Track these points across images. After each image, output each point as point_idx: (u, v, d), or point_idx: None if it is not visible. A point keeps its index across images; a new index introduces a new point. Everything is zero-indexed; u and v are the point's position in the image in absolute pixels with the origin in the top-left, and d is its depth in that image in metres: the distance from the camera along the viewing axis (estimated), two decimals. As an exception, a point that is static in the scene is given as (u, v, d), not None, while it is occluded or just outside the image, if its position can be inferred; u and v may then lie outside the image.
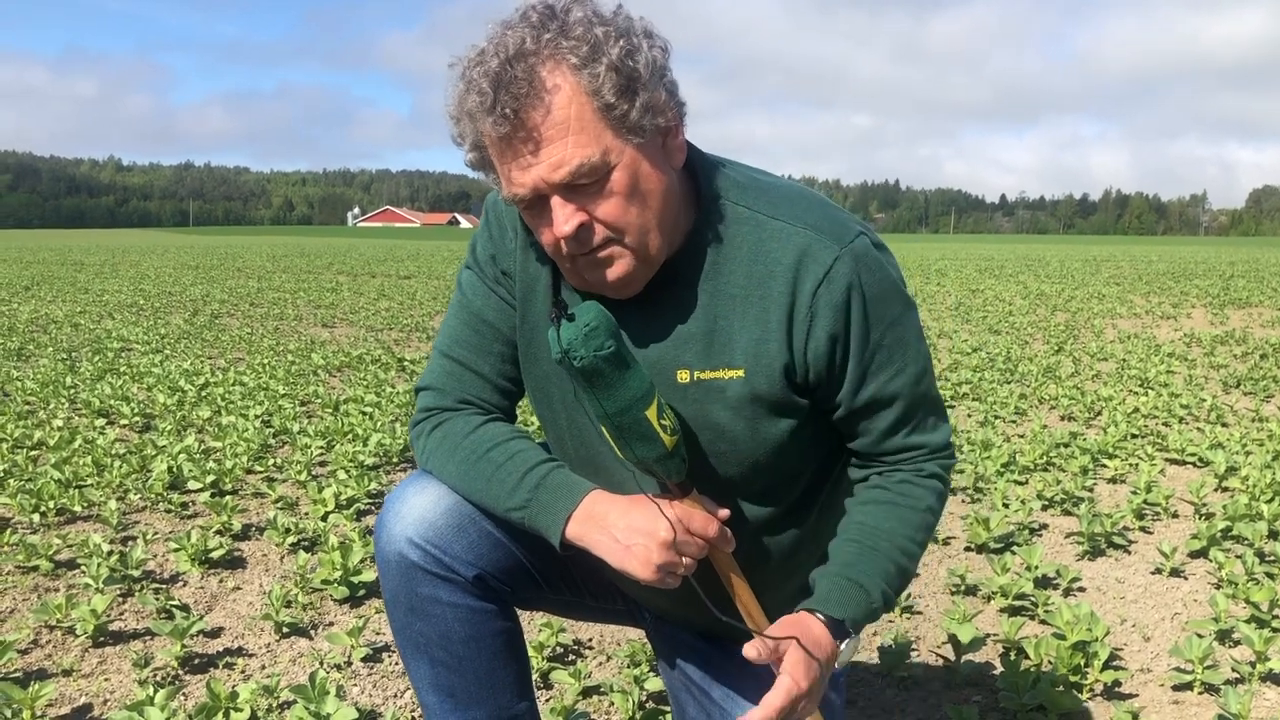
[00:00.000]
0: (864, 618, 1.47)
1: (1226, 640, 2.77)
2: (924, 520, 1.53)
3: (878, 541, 1.50)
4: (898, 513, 1.52)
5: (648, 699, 2.38)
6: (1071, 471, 4.55)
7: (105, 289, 16.85)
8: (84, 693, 2.45)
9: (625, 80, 1.30)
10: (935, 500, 1.55)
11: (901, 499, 1.52)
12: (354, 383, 7.01)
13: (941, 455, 1.55)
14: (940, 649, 2.74)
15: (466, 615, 1.59)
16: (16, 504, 3.79)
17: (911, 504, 1.52)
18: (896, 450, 1.53)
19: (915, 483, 1.54)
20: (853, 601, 1.46)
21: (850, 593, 1.46)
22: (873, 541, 1.50)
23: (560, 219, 1.33)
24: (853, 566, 1.48)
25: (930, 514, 1.54)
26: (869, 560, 1.49)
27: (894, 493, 1.53)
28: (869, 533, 1.51)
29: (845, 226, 1.45)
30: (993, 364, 8.06)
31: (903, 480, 1.54)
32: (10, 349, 8.71)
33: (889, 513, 1.52)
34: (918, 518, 1.53)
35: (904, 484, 1.54)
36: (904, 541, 1.51)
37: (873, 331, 1.44)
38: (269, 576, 3.25)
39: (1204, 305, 14.70)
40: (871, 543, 1.50)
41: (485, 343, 1.60)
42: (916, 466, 1.54)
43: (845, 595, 1.46)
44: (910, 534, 1.52)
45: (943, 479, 1.56)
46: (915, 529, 1.52)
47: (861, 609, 1.46)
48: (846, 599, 1.46)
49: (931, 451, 1.54)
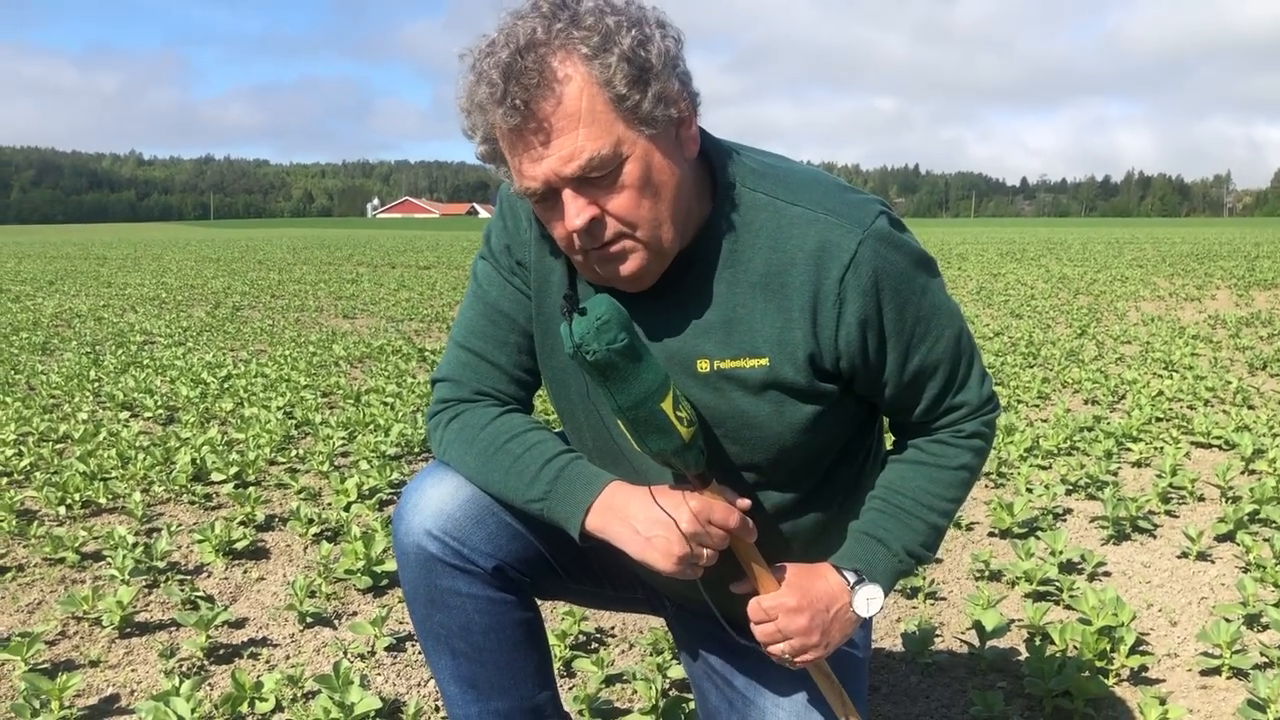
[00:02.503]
0: (885, 571, 1.52)
1: (1254, 625, 2.74)
2: (956, 477, 1.56)
3: (901, 500, 1.55)
4: (926, 471, 1.55)
5: (670, 687, 2.38)
6: (1096, 455, 4.52)
7: (128, 283, 16.98)
8: (111, 683, 2.47)
9: (637, 70, 1.28)
10: (972, 457, 1.56)
11: (931, 458, 1.55)
12: (375, 373, 7.03)
13: (983, 412, 1.56)
14: (964, 635, 2.72)
15: (486, 606, 1.59)
16: (43, 497, 3.83)
17: (943, 462, 1.55)
18: (944, 413, 1.54)
19: (950, 442, 1.55)
20: (871, 555, 1.52)
21: (868, 547, 1.53)
22: (896, 500, 1.55)
23: (572, 213, 1.32)
24: (873, 524, 1.54)
25: (965, 470, 1.56)
26: (891, 518, 1.54)
27: (926, 453, 1.56)
28: (893, 492, 1.56)
29: (864, 209, 1.43)
30: (1015, 348, 8.01)
31: (937, 441, 1.56)
32: (35, 343, 8.79)
33: (916, 471, 1.56)
34: (948, 475, 1.55)
35: (937, 444, 1.56)
36: (931, 498, 1.54)
37: (906, 308, 1.44)
38: (292, 567, 3.27)
39: (1229, 286, 14.55)
40: (895, 501, 1.55)
41: (501, 334, 1.59)
42: (956, 428, 1.55)
43: (863, 549, 1.53)
44: (939, 490, 1.55)
45: (985, 435, 1.57)
46: (945, 485, 1.55)
47: (880, 562, 1.52)
48: (864, 552, 1.52)
49: (974, 410, 1.55)
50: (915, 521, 1.54)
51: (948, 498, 1.56)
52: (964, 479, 1.57)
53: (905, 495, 1.55)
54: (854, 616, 1.51)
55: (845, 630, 1.51)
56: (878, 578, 1.52)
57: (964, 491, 1.58)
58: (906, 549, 1.53)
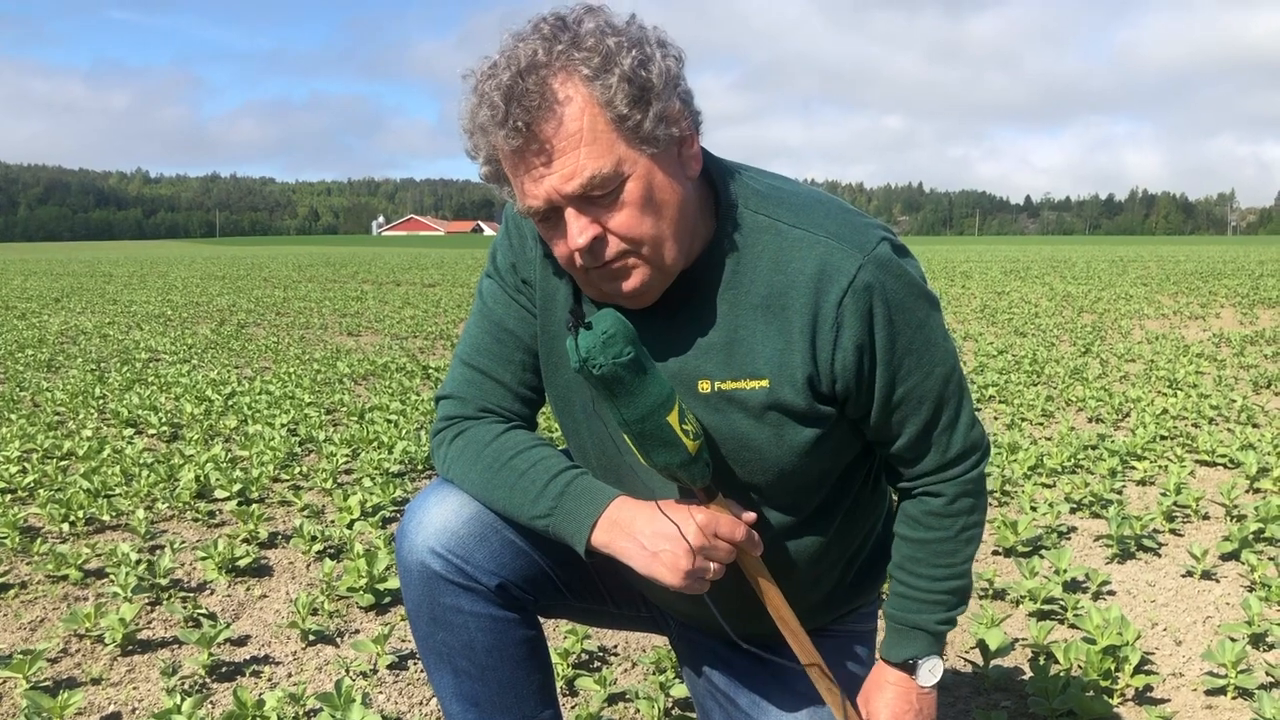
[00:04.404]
0: (932, 647, 1.61)
1: (1260, 644, 2.73)
2: (960, 539, 1.59)
3: (918, 583, 1.60)
4: (930, 548, 1.59)
5: (673, 706, 2.37)
6: (1100, 474, 4.51)
7: (133, 300, 17.02)
8: (113, 701, 2.47)
9: (638, 90, 1.29)
10: (967, 517, 1.58)
11: (930, 534, 1.58)
12: (379, 390, 7.04)
13: (966, 465, 1.56)
14: (968, 654, 2.71)
15: (489, 624, 1.59)
16: (46, 513, 3.83)
17: (941, 535, 1.58)
18: (925, 454, 1.53)
19: (942, 513, 1.57)
20: (914, 642, 1.60)
21: (908, 637, 1.61)
22: (914, 583, 1.60)
23: (574, 231, 1.32)
24: (903, 612, 1.61)
25: (966, 530, 1.59)
26: (915, 601, 1.60)
27: (923, 527, 1.58)
28: (908, 574, 1.60)
29: (866, 233, 1.43)
30: (1019, 366, 8.00)
31: (930, 513, 1.57)
32: (40, 360, 8.81)
33: (923, 550, 1.59)
34: (951, 544, 1.58)
35: (931, 516, 1.57)
36: (943, 570, 1.59)
37: (900, 337, 1.43)
38: (295, 584, 3.27)
39: (1233, 305, 14.53)
40: (914, 584, 1.60)
41: (506, 351, 1.60)
42: (939, 490, 1.56)
43: (905, 640, 1.61)
44: (947, 561, 1.59)
45: (971, 493, 1.57)
46: (952, 553, 1.59)
47: (924, 644, 1.60)
48: (907, 642, 1.61)
49: (954, 460, 1.54)
50: (938, 596, 1.59)
51: (959, 561, 1.59)
52: (969, 536, 1.59)
53: (920, 576, 1.59)
54: (929, 691, 1.62)
55: (932, 701, 1.63)
56: (932, 652, 1.60)
57: (975, 545, 1.61)
58: (940, 620, 1.60)
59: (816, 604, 1.68)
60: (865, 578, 1.75)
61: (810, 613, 1.65)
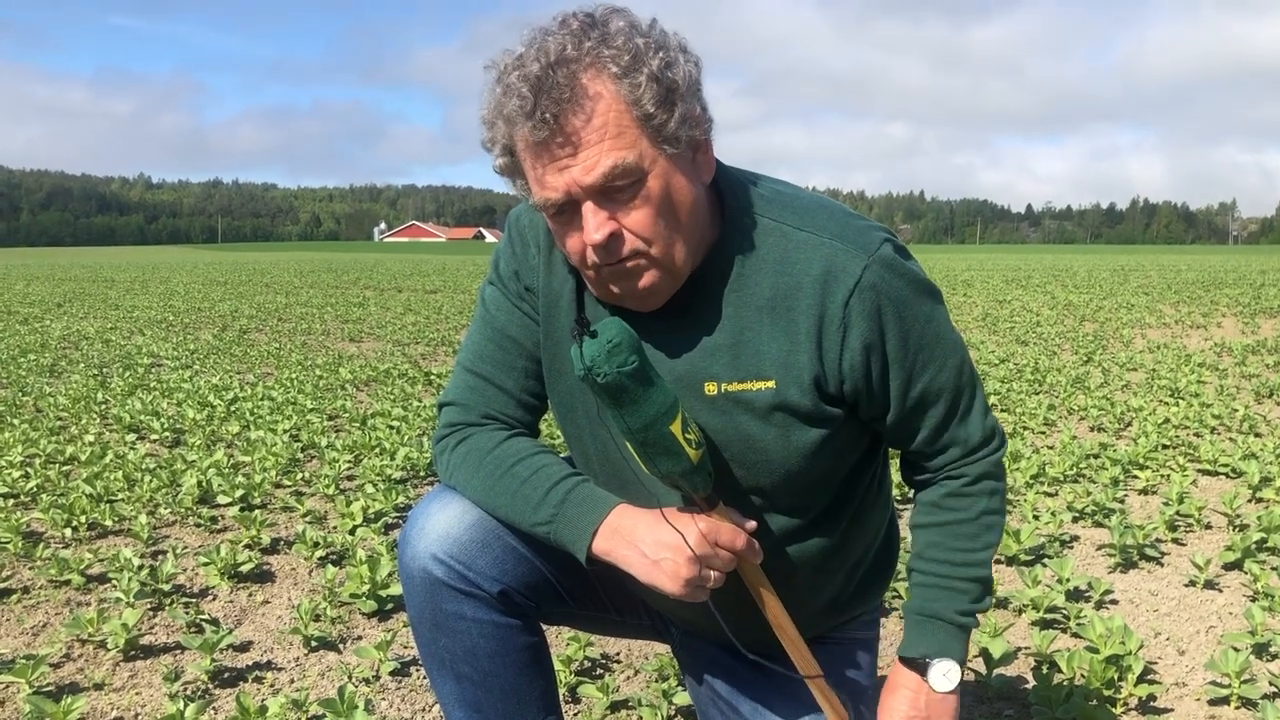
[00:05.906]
0: (952, 642, 1.56)
1: (1263, 654, 2.73)
2: (981, 524, 1.57)
3: (938, 568, 1.57)
4: (950, 530, 1.57)
5: (676, 713, 2.37)
6: (1102, 483, 4.50)
7: (135, 305, 17.04)
8: (115, 706, 2.47)
9: (665, 91, 1.30)
10: (988, 500, 1.57)
11: (950, 515, 1.56)
12: (381, 397, 7.04)
13: (987, 450, 1.56)
14: (971, 662, 2.71)
15: (491, 631, 1.59)
16: (49, 519, 3.83)
17: (962, 516, 1.56)
18: (946, 446, 1.54)
19: (962, 493, 1.56)
20: (932, 635, 1.56)
21: (926, 628, 1.56)
22: (933, 569, 1.57)
23: (591, 226, 1.33)
24: (922, 602, 1.58)
25: (987, 514, 1.57)
26: (935, 589, 1.57)
27: (943, 510, 1.57)
28: (927, 562, 1.59)
29: (869, 234, 1.45)
30: (1021, 375, 8.00)
31: (950, 494, 1.56)
32: (43, 365, 8.82)
33: (942, 533, 1.57)
34: (972, 526, 1.56)
35: (951, 497, 1.56)
36: (964, 555, 1.56)
37: (910, 335, 1.45)
38: (297, 590, 3.27)
39: (1234, 314, 14.53)
40: (933, 570, 1.57)
41: (509, 358, 1.60)
42: (961, 473, 1.55)
43: (923, 632, 1.57)
44: (969, 545, 1.56)
45: (993, 474, 1.57)
46: (973, 537, 1.56)
47: (942, 637, 1.56)
48: (925, 635, 1.56)
49: (976, 446, 1.55)
50: (958, 584, 1.56)
51: (980, 547, 1.57)
52: (989, 522, 1.57)
53: (940, 562, 1.56)
54: (942, 696, 1.55)
55: (946, 709, 1.56)
56: (948, 652, 1.55)
57: (995, 534, 1.58)
58: (960, 611, 1.56)
59: (819, 611, 1.68)
60: (868, 584, 1.74)
61: (812, 619, 1.65)
